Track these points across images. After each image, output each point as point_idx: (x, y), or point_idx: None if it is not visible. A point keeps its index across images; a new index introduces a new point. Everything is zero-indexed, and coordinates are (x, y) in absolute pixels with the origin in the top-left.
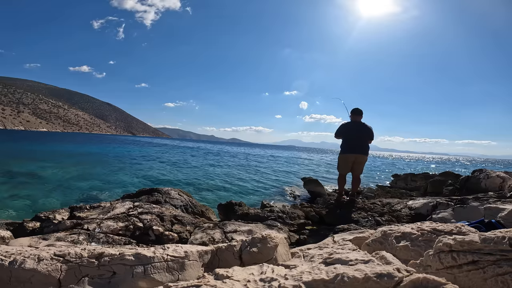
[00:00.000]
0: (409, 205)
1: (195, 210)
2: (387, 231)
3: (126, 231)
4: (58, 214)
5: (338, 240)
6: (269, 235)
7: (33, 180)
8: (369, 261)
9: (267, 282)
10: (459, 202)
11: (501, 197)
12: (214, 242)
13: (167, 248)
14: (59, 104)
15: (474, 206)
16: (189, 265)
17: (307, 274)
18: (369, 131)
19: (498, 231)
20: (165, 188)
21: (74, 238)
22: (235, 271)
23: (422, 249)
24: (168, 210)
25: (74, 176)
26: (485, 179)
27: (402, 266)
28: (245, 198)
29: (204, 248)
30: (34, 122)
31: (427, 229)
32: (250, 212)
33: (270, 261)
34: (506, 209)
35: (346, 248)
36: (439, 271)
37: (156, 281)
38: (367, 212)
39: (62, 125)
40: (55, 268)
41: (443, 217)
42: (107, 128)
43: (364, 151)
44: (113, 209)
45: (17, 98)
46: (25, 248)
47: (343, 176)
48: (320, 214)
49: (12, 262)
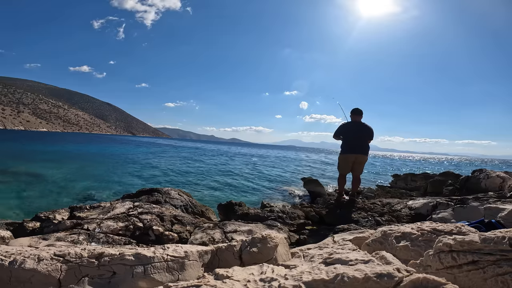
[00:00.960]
0: (409, 205)
1: (195, 210)
2: (387, 231)
3: (126, 231)
4: (58, 214)
5: (338, 240)
6: (269, 235)
7: (33, 180)
8: (369, 261)
9: (267, 282)
10: (459, 202)
11: (501, 197)
12: (214, 242)
13: (167, 248)
14: (59, 104)
15: (474, 206)
16: (189, 265)
17: (307, 274)
18: (369, 131)
19: (498, 231)
20: (165, 188)
21: (74, 238)
22: (235, 271)
23: (422, 249)
24: (168, 210)
25: (74, 176)
26: (485, 179)
27: (402, 266)
28: (245, 198)
29: (204, 248)
30: (34, 122)
31: (427, 229)
32: (250, 212)
33: (270, 261)
34: (506, 209)
35: (346, 248)
36: (439, 271)
37: (156, 281)
38: (367, 212)
39: (62, 125)
40: (55, 268)
41: (443, 217)
42: (107, 128)
43: (364, 151)
44: (113, 209)
45: (17, 98)
46: (25, 248)
47: (343, 176)
48: (320, 214)
49: (12, 262)
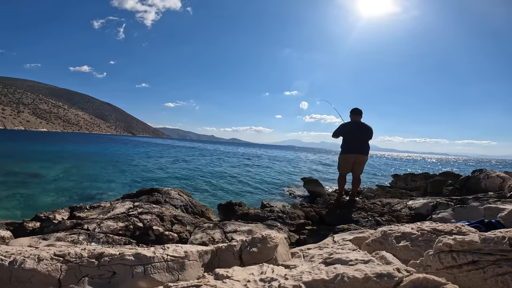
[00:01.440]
0: (409, 205)
1: (195, 210)
2: (387, 231)
3: (126, 231)
4: (58, 214)
5: (338, 240)
6: (269, 235)
7: (33, 180)
8: (369, 261)
9: (267, 282)
10: (459, 202)
11: (501, 197)
12: (214, 242)
13: (167, 248)
14: (59, 104)
15: (474, 206)
16: (189, 265)
17: (307, 274)
18: (369, 131)
19: (498, 231)
20: (165, 188)
21: (74, 238)
22: (235, 271)
23: (422, 249)
24: (168, 210)
25: (74, 176)
26: (485, 179)
27: (402, 266)
28: (245, 198)
29: (204, 248)
30: (34, 122)
31: (427, 229)
32: (250, 212)
33: (270, 261)
34: (506, 209)
35: (346, 248)
36: (439, 271)
37: (156, 281)
38: (367, 212)
39: (62, 125)
40: (55, 268)
41: (443, 217)
42: (107, 128)
43: (364, 151)
44: (113, 209)
45: (17, 98)
46: (25, 248)
47: (343, 176)
48: (320, 214)
49: (12, 262)
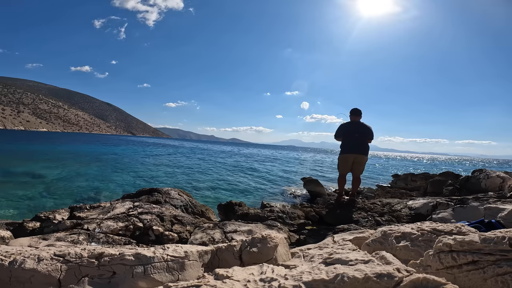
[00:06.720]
0: (409, 205)
1: (195, 210)
2: (387, 231)
3: (126, 231)
4: (58, 214)
5: (338, 240)
6: (269, 235)
7: (33, 180)
8: (369, 261)
9: (267, 282)
10: (459, 202)
11: (501, 197)
12: (214, 242)
13: (167, 248)
14: (59, 104)
15: (474, 206)
16: (189, 265)
17: (307, 274)
18: (369, 131)
19: (498, 231)
20: (165, 188)
21: (74, 238)
22: (235, 271)
23: (422, 249)
24: (168, 210)
25: (74, 176)
26: (485, 179)
27: (402, 266)
28: (245, 198)
29: (204, 248)
30: (34, 122)
31: (427, 229)
32: (250, 212)
33: (270, 261)
34: (506, 209)
35: (346, 248)
36: (439, 271)
37: (156, 281)
38: (367, 212)
39: (62, 125)
40: (55, 268)
41: (443, 217)
42: (107, 128)
43: (364, 151)
44: (113, 209)
45: (17, 98)
46: (25, 248)
47: (343, 176)
48: (320, 214)
49: (12, 262)
